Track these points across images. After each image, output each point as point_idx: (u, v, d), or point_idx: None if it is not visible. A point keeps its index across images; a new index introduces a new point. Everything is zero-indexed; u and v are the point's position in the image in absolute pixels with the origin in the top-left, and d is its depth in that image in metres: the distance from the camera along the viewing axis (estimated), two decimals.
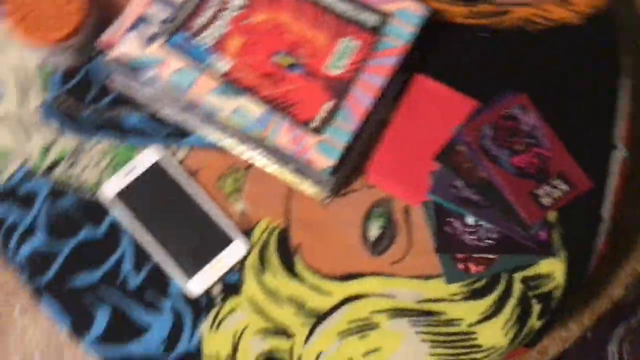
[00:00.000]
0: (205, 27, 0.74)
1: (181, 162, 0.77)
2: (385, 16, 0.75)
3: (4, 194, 0.77)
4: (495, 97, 0.78)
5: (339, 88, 0.72)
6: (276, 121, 0.71)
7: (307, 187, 0.73)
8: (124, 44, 0.73)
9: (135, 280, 0.73)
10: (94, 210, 0.76)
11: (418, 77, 0.78)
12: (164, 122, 0.79)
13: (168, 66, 0.72)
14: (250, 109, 0.71)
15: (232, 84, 0.71)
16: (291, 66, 0.73)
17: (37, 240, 0.74)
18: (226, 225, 0.75)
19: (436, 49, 0.81)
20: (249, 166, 0.77)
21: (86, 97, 0.80)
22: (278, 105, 0.71)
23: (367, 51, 0.73)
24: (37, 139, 0.79)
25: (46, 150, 0.78)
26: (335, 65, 0.73)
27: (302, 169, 0.71)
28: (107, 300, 0.72)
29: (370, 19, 0.74)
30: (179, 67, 0.72)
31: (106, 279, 0.73)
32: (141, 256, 0.74)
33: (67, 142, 0.79)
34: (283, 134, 0.70)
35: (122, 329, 0.71)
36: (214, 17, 0.75)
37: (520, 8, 0.83)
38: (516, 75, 0.80)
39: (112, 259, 0.74)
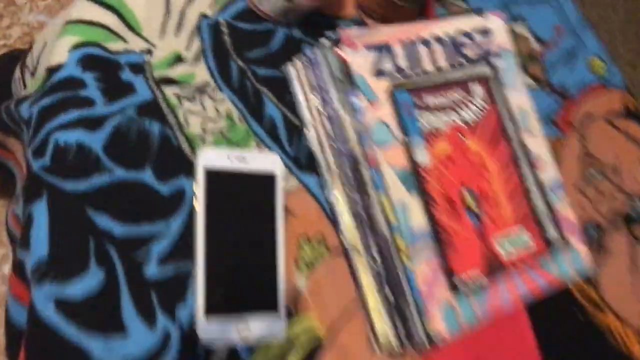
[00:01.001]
0: (430, 109, 0.65)
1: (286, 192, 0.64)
2: (564, 242, 0.69)
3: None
4: None
5: (495, 268, 0.63)
6: (427, 247, 0.60)
7: (382, 326, 0.61)
8: (360, 56, 0.62)
9: (152, 271, 0.56)
10: (173, 159, 0.60)
11: None
12: (303, 145, 0.66)
13: (377, 109, 0.61)
14: (414, 214, 0.61)
15: (416, 177, 0.61)
16: (470, 211, 0.64)
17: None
18: (281, 289, 0.61)
19: None
20: (338, 252, 0.64)
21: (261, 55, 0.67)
22: (440, 235, 0.61)
23: (533, 258, 0.66)
24: (177, 42, 0.63)
25: (174, 60, 0.63)
26: (504, 247, 0.65)
27: (406, 309, 0.60)
28: (112, 260, 0.54)
29: (553, 234, 0.68)
30: (386, 120, 0.61)
31: (130, 242, 0.56)
32: (178, 251, 0.58)
33: (200, 72, 0.64)
34: (424, 264, 0.60)
35: (104, 308, 0.53)
36: (443, 108, 0.66)
37: None
38: None
39: (152, 227, 0.57)
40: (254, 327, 0.58)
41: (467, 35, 0.70)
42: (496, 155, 0.68)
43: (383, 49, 0.64)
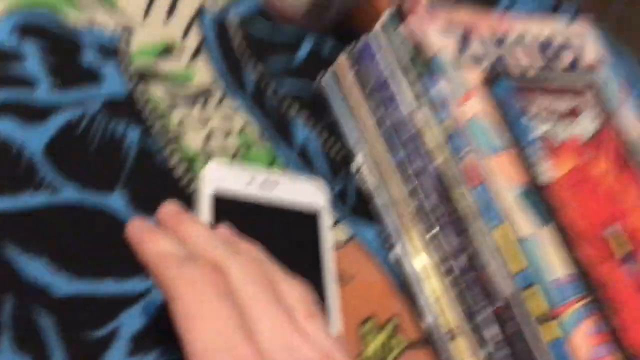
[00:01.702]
0: (541, 112, 0.44)
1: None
2: None
3: None
4: None
5: None
6: (582, 308, 0.36)
7: None
8: (438, 34, 0.42)
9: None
10: (159, 181, 0.37)
11: None
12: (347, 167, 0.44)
13: (471, 104, 0.40)
14: (552, 257, 0.37)
15: (544, 201, 0.39)
16: (627, 257, 0.41)
17: None
18: None
19: None
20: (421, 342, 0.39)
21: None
22: (595, 290, 0.37)
23: None
24: (168, 29, 0.43)
25: (164, 50, 0.42)
26: None
27: None
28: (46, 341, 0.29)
29: None
30: (486, 114, 0.40)
31: (81, 310, 0.31)
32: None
33: (201, 72, 0.43)
34: (580, 334, 0.35)
35: None
36: (555, 113, 0.45)
37: None
38: None
39: (120, 287, 0.33)
40: None
41: (557, 42, 0.52)
42: (632, 183, 0.46)
43: (469, 33, 0.45)
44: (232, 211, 0.37)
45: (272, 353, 0.24)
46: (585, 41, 0.53)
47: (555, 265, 0.37)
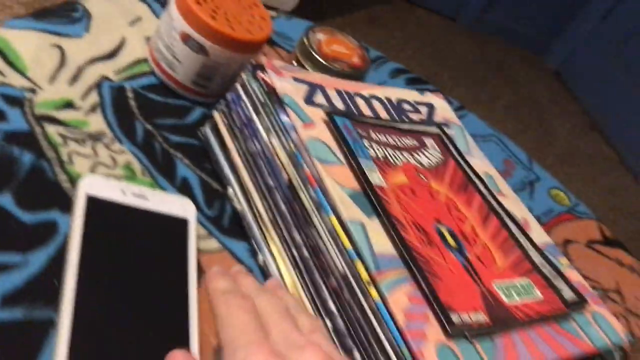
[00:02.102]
0: (380, 143, 0.53)
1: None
2: (584, 304, 0.51)
3: None
4: None
5: (500, 315, 0.45)
6: (402, 275, 0.43)
7: None
8: (288, 83, 0.53)
9: None
10: (46, 190, 0.45)
11: None
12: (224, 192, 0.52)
13: (313, 130, 0.50)
14: (377, 237, 0.44)
15: (374, 198, 0.47)
16: (452, 249, 0.48)
17: None
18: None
19: None
20: None
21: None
22: (417, 262, 0.44)
23: (549, 316, 0.48)
24: (70, 90, 0.53)
25: (63, 105, 0.52)
26: (507, 294, 0.47)
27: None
28: None
29: (569, 294, 0.51)
30: (325, 141, 0.50)
31: None
32: (36, 292, 0.39)
33: (95, 122, 0.53)
34: (399, 293, 0.42)
35: None
36: (393, 146, 0.54)
37: None
38: None
39: (7, 256, 0.40)
40: None
41: (409, 103, 0.63)
42: (470, 204, 0.54)
43: (316, 86, 0.55)
44: (105, 214, 0.44)
45: (281, 349, 0.33)
46: (437, 108, 0.64)
47: (380, 244, 0.44)
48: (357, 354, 0.42)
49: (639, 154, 2.74)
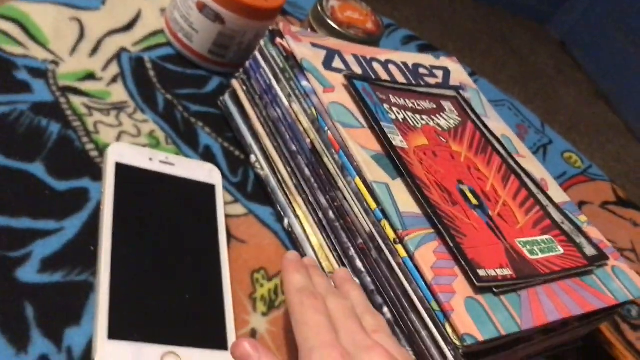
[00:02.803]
0: (399, 106, 0.54)
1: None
2: (605, 260, 0.52)
3: None
4: None
5: (524, 270, 0.45)
6: (428, 233, 0.44)
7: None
8: (307, 48, 0.53)
9: (29, 276, 0.38)
10: (76, 160, 0.46)
11: None
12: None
13: (334, 94, 0.50)
14: (402, 198, 0.45)
15: (398, 160, 0.47)
16: (475, 207, 0.49)
17: None
18: (231, 325, 0.41)
19: None
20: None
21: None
22: (443, 221, 0.45)
23: (571, 270, 0.49)
24: (90, 62, 0.54)
25: (86, 76, 0.52)
26: (530, 250, 0.48)
27: (413, 315, 0.41)
28: None
29: (590, 250, 0.52)
30: (346, 105, 0.50)
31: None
32: (73, 256, 0.40)
33: (117, 93, 0.53)
34: (425, 249, 0.42)
35: None
36: (413, 109, 0.55)
37: None
38: None
39: (35, 224, 0.41)
40: None
41: (425, 67, 0.63)
42: (490, 164, 0.55)
43: (333, 52, 0.55)
44: (134, 180, 0.45)
45: (350, 350, 0.35)
46: (453, 72, 0.64)
47: (405, 204, 0.45)
48: (386, 310, 0.43)
49: None
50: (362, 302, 0.41)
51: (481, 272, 0.42)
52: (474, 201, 0.49)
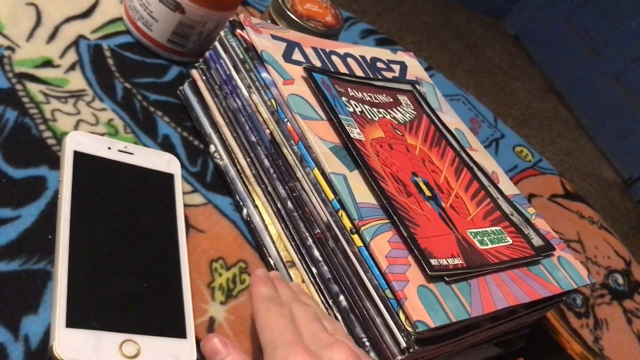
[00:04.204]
0: (356, 99, 0.55)
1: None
2: (551, 250, 0.54)
3: None
4: None
5: (474, 260, 0.47)
6: (383, 223, 0.45)
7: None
8: (267, 40, 0.54)
9: None
10: (32, 148, 0.46)
11: None
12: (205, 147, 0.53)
13: (293, 86, 0.51)
14: (359, 189, 0.46)
15: (355, 152, 0.48)
16: (428, 199, 0.50)
17: None
18: (189, 312, 0.42)
19: None
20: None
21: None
22: (398, 211, 0.46)
23: (519, 260, 0.51)
24: (47, 49, 0.53)
25: (43, 63, 0.52)
26: (480, 241, 0.50)
27: (368, 304, 0.42)
28: None
29: (537, 240, 0.54)
30: (305, 97, 0.51)
31: None
32: (30, 245, 0.40)
33: (75, 80, 0.53)
34: (380, 239, 0.44)
35: None
36: (370, 102, 0.56)
37: None
38: None
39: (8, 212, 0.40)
40: (148, 355, 0.38)
41: (382, 61, 0.64)
42: (443, 157, 0.56)
43: (293, 44, 0.56)
44: (93, 169, 0.45)
45: (313, 347, 0.37)
46: (409, 67, 0.66)
47: (361, 195, 0.46)
48: (342, 298, 0.45)
49: (594, 117, 2.83)
50: (319, 310, 0.44)
51: (433, 261, 0.44)
52: (428, 193, 0.51)
